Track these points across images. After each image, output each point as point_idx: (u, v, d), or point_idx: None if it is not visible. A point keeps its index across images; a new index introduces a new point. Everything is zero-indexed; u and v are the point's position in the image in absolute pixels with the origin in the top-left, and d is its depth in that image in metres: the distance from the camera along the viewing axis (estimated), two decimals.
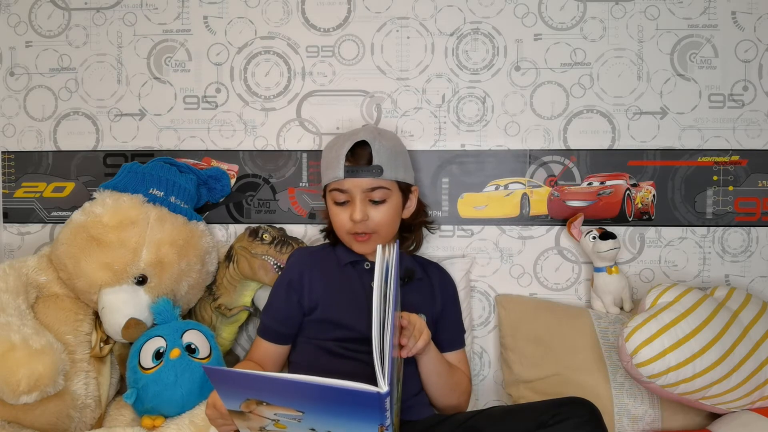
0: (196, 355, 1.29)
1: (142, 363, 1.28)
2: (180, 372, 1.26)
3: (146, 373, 1.27)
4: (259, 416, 0.91)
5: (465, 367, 1.39)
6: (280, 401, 0.88)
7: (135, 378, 1.29)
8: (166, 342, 1.29)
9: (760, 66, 1.56)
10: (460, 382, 1.35)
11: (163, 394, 1.25)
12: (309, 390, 0.84)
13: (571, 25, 1.56)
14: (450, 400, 1.33)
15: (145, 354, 1.29)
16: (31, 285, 1.36)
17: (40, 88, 1.63)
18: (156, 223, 1.36)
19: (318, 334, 1.29)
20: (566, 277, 1.59)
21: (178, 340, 1.29)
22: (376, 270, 0.96)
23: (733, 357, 1.28)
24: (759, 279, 1.58)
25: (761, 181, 1.57)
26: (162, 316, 1.33)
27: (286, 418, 0.90)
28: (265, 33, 1.59)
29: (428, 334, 1.16)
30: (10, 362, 1.14)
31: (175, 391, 1.25)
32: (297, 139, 1.60)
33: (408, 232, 1.43)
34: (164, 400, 1.26)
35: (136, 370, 1.28)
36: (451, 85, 1.58)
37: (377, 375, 0.86)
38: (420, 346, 1.13)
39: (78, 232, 1.34)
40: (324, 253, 1.37)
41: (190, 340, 1.30)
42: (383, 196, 1.29)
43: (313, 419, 0.89)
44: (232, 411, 0.93)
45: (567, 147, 1.58)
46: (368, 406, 0.85)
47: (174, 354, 1.27)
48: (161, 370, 1.26)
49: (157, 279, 1.35)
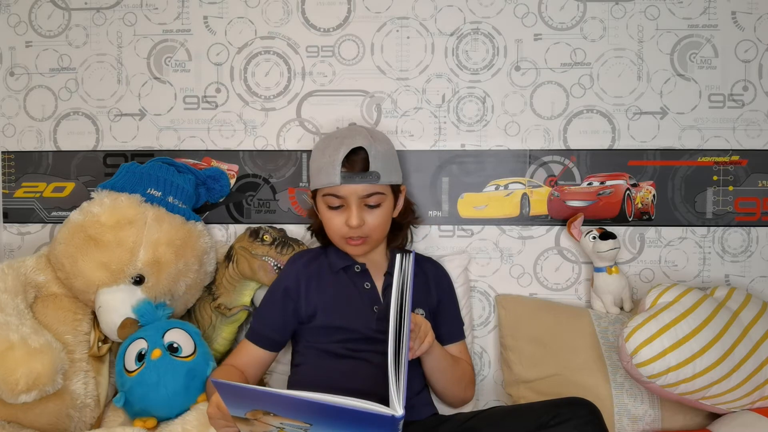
0: (179, 354, 1.28)
1: (126, 366, 1.28)
2: (162, 372, 1.25)
3: (130, 376, 1.26)
4: (264, 423, 0.91)
5: (467, 357, 1.42)
6: (288, 414, 0.87)
7: (122, 381, 1.28)
8: (147, 343, 1.28)
9: (760, 66, 1.56)
10: (465, 374, 1.37)
11: (148, 395, 1.25)
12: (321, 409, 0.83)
13: (571, 25, 1.56)
14: (457, 392, 1.35)
15: (128, 357, 1.28)
16: (29, 285, 1.36)
17: (40, 88, 1.63)
18: (153, 222, 1.36)
19: (320, 338, 1.30)
20: (566, 277, 1.59)
21: (159, 341, 1.28)
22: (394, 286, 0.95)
23: (733, 357, 1.28)
24: (759, 279, 1.58)
25: (761, 181, 1.57)
26: (144, 318, 1.32)
27: (291, 427, 0.89)
28: (265, 33, 1.59)
29: (432, 336, 1.17)
30: (9, 361, 1.14)
31: (159, 392, 1.24)
32: (297, 139, 1.60)
33: (397, 230, 1.43)
34: (150, 401, 1.25)
35: (122, 373, 1.28)
36: (451, 85, 1.58)
37: (391, 397, 0.85)
38: (425, 348, 1.15)
39: (76, 231, 1.34)
40: (317, 260, 1.38)
41: (171, 340, 1.29)
42: (379, 200, 1.29)
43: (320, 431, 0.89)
44: (237, 417, 0.92)
45: (567, 147, 1.58)
46: (381, 426, 0.84)
47: (155, 354, 1.26)
48: (144, 371, 1.25)
49: (155, 279, 1.35)
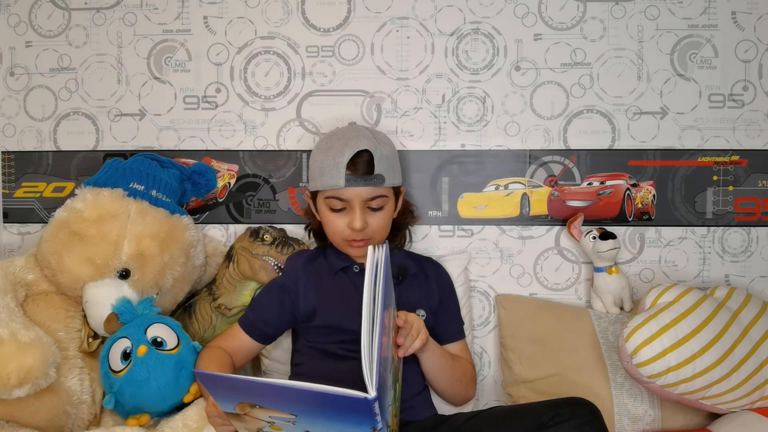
0: (164, 348, 1.28)
1: (112, 366, 1.27)
2: (151, 367, 1.25)
3: (118, 376, 1.26)
4: (254, 418, 0.91)
5: (467, 355, 1.41)
6: (271, 405, 0.88)
7: (109, 383, 1.28)
8: (131, 341, 1.28)
9: (760, 66, 1.56)
10: (465, 372, 1.37)
11: (139, 392, 1.25)
12: (299, 395, 0.84)
13: (571, 25, 1.56)
14: (458, 392, 1.35)
15: (113, 357, 1.28)
16: (19, 284, 1.36)
17: (40, 88, 1.63)
18: (137, 216, 1.36)
19: (320, 338, 1.30)
20: (566, 277, 1.59)
21: (142, 337, 1.28)
22: (367, 273, 0.95)
23: (733, 357, 1.28)
24: (759, 279, 1.58)
25: (761, 181, 1.57)
26: (124, 316, 1.31)
27: (280, 420, 0.90)
28: (265, 33, 1.59)
29: (426, 334, 1.16)
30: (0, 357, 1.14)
31: (150, 387, 1.24)
32: (297, 139, 1.60)
33: (396, 230, 1.43)
34: (142, 398, 1.25)
35: (109, 375, 1.27)
36: (451, 85, 1.58)
37: (365, 380, 0.85)
38: (417, 346, 1.13)
39: (60, 228, 1.35)
40: (316, 260, 1.38)
41: (155, 334, 1.29)
42: (382, 203, 1.29)
43: (306, 422, 0.89)
44: (229, 413, 0.93)
45: (567, 147, 1.58)
46: (358, 411, 0.84)
47: (141, 351, 1.26)
48: (132, 369, 1.25)
49: (140, 272, 1.35)
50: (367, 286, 0.94)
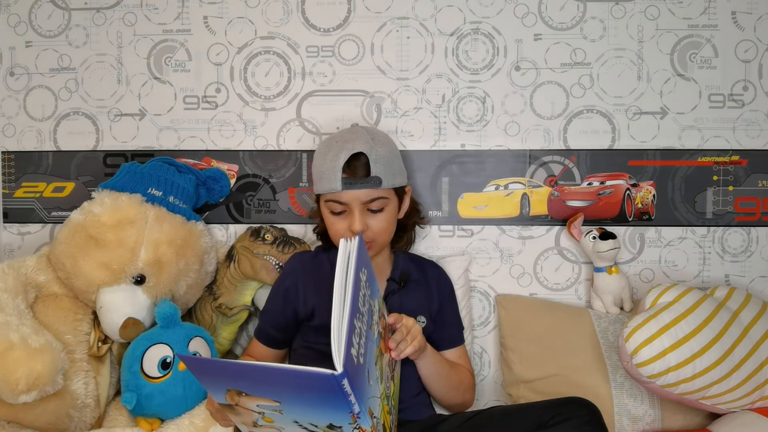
0: None
1: (146, 370, 1.26)
2: (188, 385, 1.26)
3: (152, 382, 1.26)
4: (246, 409, 0.93)
5: (466, 362, 1.40)
6: (253, 390, 0.90)
7: (136, 384, 1.27)
8: (172, 351, 1.27)
9: (760, 66, 1.56)
10: (463, 380, 1.36)
11: (168, 405, 1.25)
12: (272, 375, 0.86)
13: (571, 25, 1.56)
14: (455, 399, 1.34)
15: (149, 361, 1.27)
16: (30, 285, 1.35)
17: (40, 88, 1.63)
18: (154, 222, 1.36)
19: (319, 339, 1.29)
20: (566, 277, 1.59)
21: (185, 350, 1.28)
22: (339, 260, 0.97)
23: (733, 357, 1.28)
24: (759, 279, 1.58)
25: (761, 181, 1.57)
26: (165, 320, 1.30)
27: (268, 410, 0.91)
28: (265, 33, 1.59)
29: (420, 342, 1.16)
30: (9, 361, 1.13)
31: (182, 404, 1.25)
32: (297, 139, 1.60)
33: (402, 231, 1.43)
34: (167, 408, 1.25)
35: (138, 375, 1.27)
36: (451, 85, 1.58)
37: (333, 356, 0.86)
38: (409, 352, 1.13)
39: (76, 231, 1.34)
40: (318, 260, 1.38)
41: (195, 349, 1.29)
42: (382, 205, 1.28)
43: (291, 410, 0.90)
44: (223, 405, 0.95)
45: (567, 147, 1.58)
46: (329, 390, 0.85)
47: (183, 366, 1.26)
48: (169, 382, 1.25)
49: (155, 279, 1.34)
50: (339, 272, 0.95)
